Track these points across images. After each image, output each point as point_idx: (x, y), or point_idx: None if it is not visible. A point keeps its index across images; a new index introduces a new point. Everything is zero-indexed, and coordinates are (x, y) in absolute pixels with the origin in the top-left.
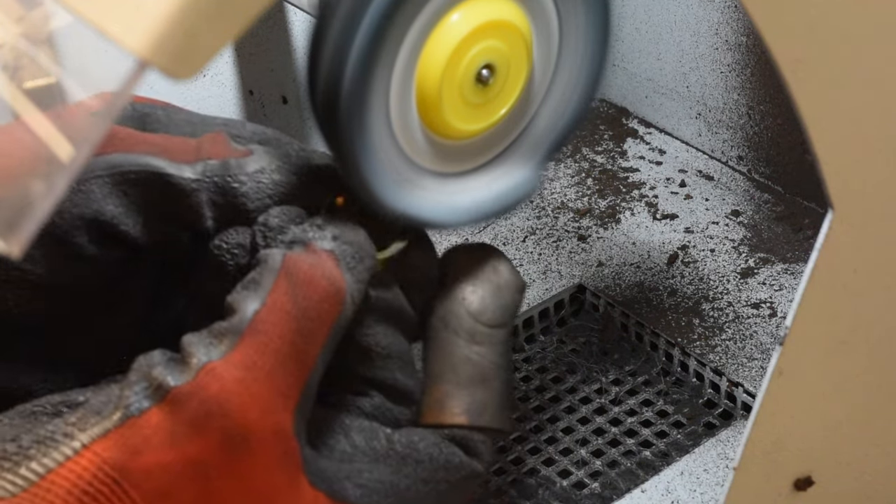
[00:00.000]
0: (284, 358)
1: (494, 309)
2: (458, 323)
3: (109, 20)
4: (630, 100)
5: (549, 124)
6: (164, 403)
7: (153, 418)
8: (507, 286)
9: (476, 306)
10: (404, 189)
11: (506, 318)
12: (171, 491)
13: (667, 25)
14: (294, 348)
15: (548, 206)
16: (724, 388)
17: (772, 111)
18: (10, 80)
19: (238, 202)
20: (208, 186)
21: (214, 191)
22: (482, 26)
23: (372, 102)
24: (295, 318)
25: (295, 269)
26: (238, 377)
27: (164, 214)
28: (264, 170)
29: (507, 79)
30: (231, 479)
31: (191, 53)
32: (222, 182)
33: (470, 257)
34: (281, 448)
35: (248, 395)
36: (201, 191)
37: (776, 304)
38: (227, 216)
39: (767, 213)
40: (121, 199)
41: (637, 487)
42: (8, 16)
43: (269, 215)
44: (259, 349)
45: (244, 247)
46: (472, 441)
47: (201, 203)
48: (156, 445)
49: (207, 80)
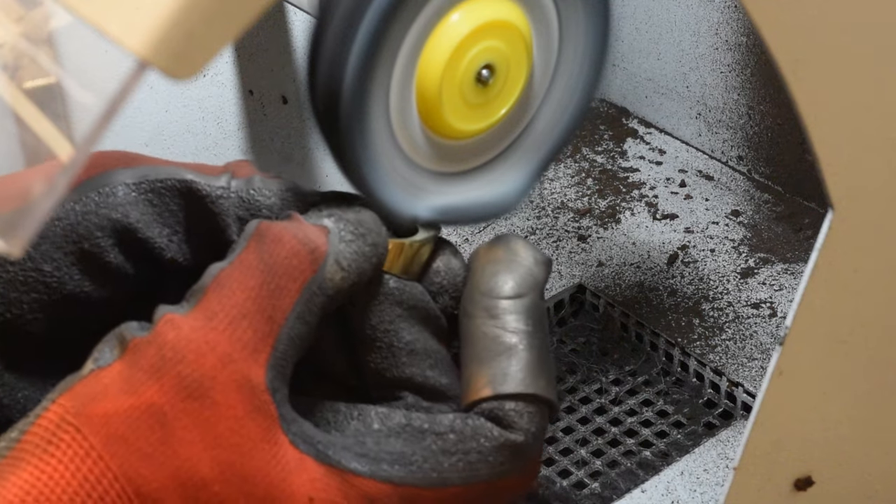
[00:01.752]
0: (248, 311)
1: (507, 281)
2: (473, 304)
3: (109, 20)
4: (630, 100)
5: (549, 124)
6: (125, 355)
7: (114, 368)
8: (523, 261)
9: (489, 284)
10: (404, 189)
11: (523, 289)
12: (128, 436)
13: (667, 25)
14: (259, 302)
15: (548, 206)
16: (724, 388)
17: (772, 111)
18: (10, 80)
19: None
20: (234, 201)
21: (239, 205)
22: (482, 26)
23: (372, 103)
24: (260, 273)
25: (266, 231)
26: (195, 326)
27: (191, 224)
28: (291, 188)
29: (507, 79)
30: (193, 428)
31: (191, 53)
32: (247, 196)
33: (487, 246)
34: (249, 401)
35: (204, 342)
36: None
37: (776, 304)
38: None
39: (767, 213)
40: (147, 207)
41: (637, 487)
42: (8, 16)
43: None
44: (220, 301)
45: None
46: (503, 412)
47: (228, 214)
48: (114, 392)
49: (207, 80)
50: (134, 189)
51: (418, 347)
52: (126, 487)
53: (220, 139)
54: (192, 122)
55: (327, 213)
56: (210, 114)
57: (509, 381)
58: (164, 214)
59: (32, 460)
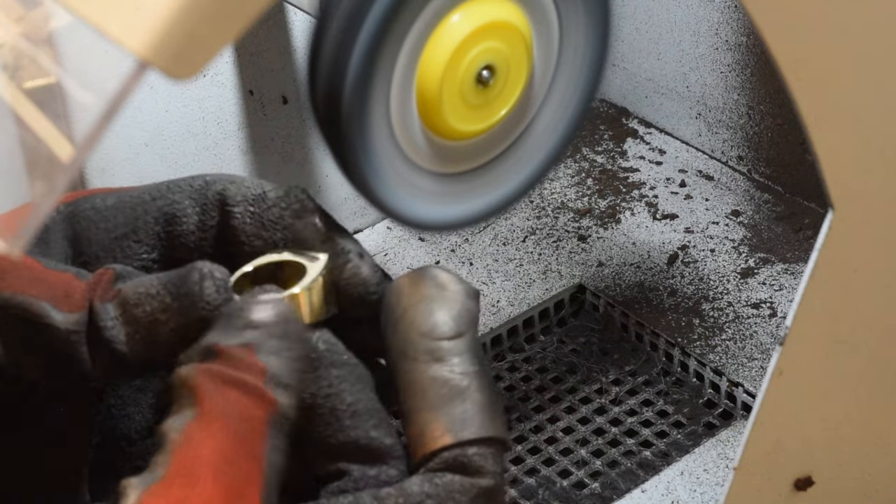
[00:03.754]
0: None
1: (446, 321)
2: (414, 347)
3: (109, 20)
4: (630, 100)
5: (550, 125)
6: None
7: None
8: (456, 296)
9: (427, 324)
10: (404, 190)
11: (462, 326)
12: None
13: (667, 25)
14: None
15: (548, 206)
16: (724, 388)
17: (772, 111)
18: (10, 80)
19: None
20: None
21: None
22: (482, 27)
23: (372, 103)
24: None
25: (207, 380)
26: (180, 484)
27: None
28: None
29: (508, 79)
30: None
31: (191, 53)
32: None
33: (410, 281)
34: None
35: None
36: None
37: (776, 304)
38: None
39: (767, 213)
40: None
41: (637, 487)
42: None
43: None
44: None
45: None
46: (467, 458)
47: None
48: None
49: (207, 80)
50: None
51: (360, 408)
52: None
53: (220, 139)
54: (192, 122)
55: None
56: (210, 114)
57: (468, 426)
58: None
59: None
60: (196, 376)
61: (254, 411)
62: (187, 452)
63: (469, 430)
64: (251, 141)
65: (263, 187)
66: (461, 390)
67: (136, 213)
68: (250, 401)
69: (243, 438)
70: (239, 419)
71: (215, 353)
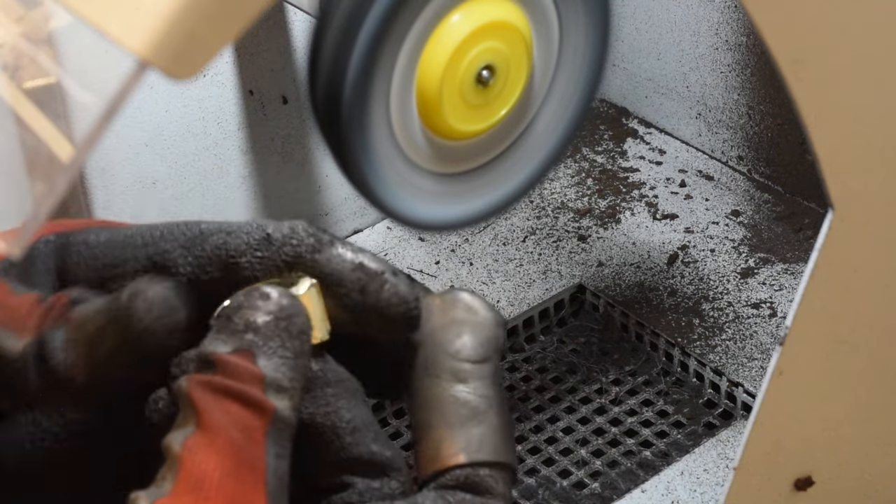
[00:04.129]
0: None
1: (475, 346)
2: (439, 365)
3: (109, 20)
4: (630, 100)
5: (550, 125)
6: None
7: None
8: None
9: (455, 346)
10: (404, 190)
11: (489, 352)
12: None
13: (667, 25)
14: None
15: (548, 206)
16: (724, 388)
17: (772, 111)
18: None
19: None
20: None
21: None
22: (482, 27)
23: (372, 103)
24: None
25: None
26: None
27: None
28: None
29: (508, 79)
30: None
31: (191, 53)
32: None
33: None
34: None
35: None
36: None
37: (776, 304)
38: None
39: (767, 213)
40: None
41: (637, 487)
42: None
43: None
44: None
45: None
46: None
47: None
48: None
49: (207, 80)
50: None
51: (359, 423)
52: None
53: (220, 139)
54: (192, 122)
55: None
56: (210, 114)
57: (483, 448)
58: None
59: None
60: (195, 389)
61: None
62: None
63: (483, 452)
64: (251, 141)
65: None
66: (479, 413)
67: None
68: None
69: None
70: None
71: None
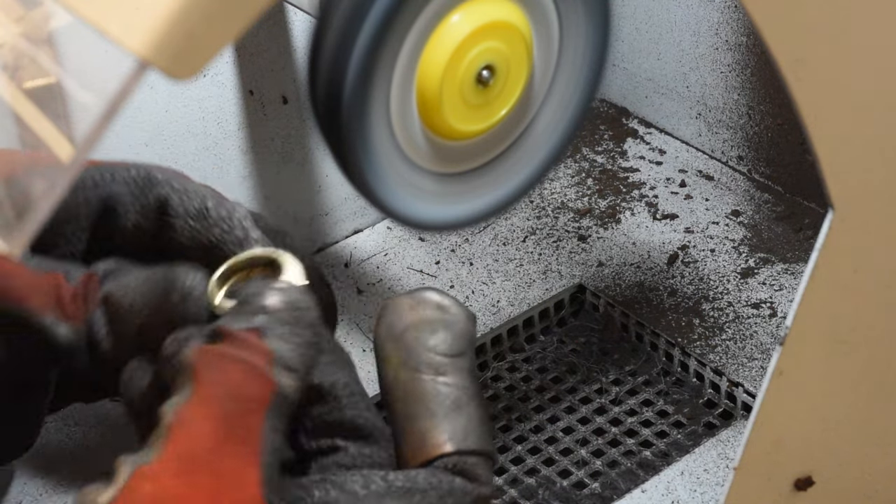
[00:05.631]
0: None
1: (450, 341)
2: (418, 360)
3: (109, 20)
4: (630, 100)
5: (550, 125)
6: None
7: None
8: (457, 319)
9: (431, 341)
10: (404, 190)
11: (464, 346)
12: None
13: (667, 25)
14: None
15: (548, 206)
16: (724, 388)
17: (772, 111)
18: (10, 80)
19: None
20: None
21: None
22: (482, 27)
23: (373, 103)
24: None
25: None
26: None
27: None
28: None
29: (508, 80)
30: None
31: (191, 53)
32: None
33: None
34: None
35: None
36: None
37: (776, 304)
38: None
39: (767, 213)
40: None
41: (637, 487)
42: (8, 16)
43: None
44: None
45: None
46: (467, 465)
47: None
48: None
49: (207, 80)
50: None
51: (354, 389)
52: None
53: (220, 139)
54: (192, 122)
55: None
56: (210, 114)
57: (469, 437)
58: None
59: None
60: (197, 357)
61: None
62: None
63: (470, 441)
64: (251, 141)
65: (206, 202)
66: (462, 404)
67: (77, 199)
68: (251, 381)
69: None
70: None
71: (221, 336)
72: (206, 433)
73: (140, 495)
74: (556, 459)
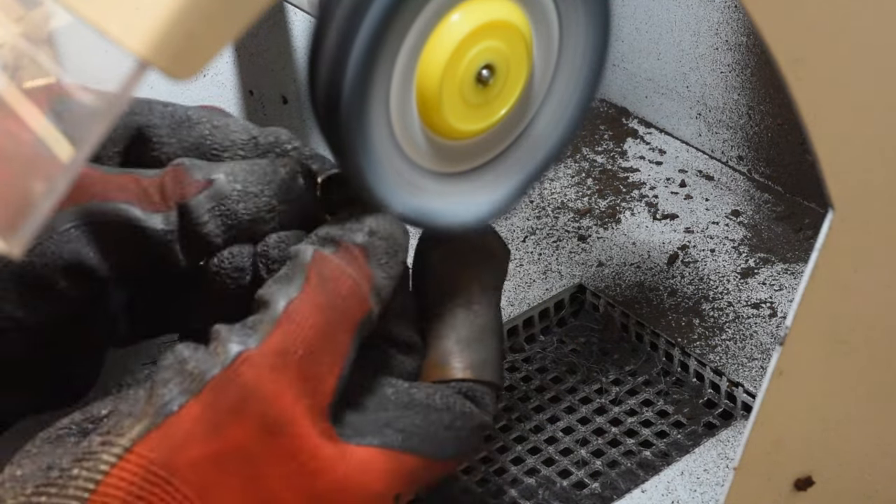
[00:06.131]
0: (316, 347)
1: (488, 273)
2: (457, 286)
3: (109, 20)
4: (630, 100)
5: (549, 125)
6: (201, 395)
7: (192, 411)
8: (496, 253)
9: (472, 271)
10: (404, 189)
11: (497, 280)
12: (220, 480)
13: (667, 25)
14: (325, 340)
15: (548, 206)
16: (724, 388)
17: (772, 111)
18: (10, 80)
19: (204, 240)
20: (177, 232)
21: (183, 234)
22: (482, 26)
23: (372, 103)
24: (324, 310)
25: (324, 265)
26: (272, 364)
27: (140, 259)
28: (225, 199)
29: (508, 79)
30: (276, 462)
31: (191, 53)
32: (189, 227)
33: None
34: (320, 428)
35: (283, 381)
36: (172, 237)
37: (776, 304)
38: (199, 254)
39: (767, 213)
40: (98, 245)
41: (637, 487)
42: (8, 16)
43: (266, 245)
44: (291, 337)
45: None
46: (478, 393)
47: (174, 249)
48: (198, 438)
49: (207, 80)
50: (82, 229)
51: (403, 310)
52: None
53: None
54: None
55: (362, 229)
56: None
57: (486, 368)
58: (109, 249)
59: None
60: (315, 258)
61: (353, 308)
62: (288, 330)
63: (485, 372)
64: None
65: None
66: (485, 336)
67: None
68: (353, 297)
69: (336, 330)
70: (338, 311)
71: (335, 243)
72: (309, 336)
73: (241, 380)
74: (556, 459)
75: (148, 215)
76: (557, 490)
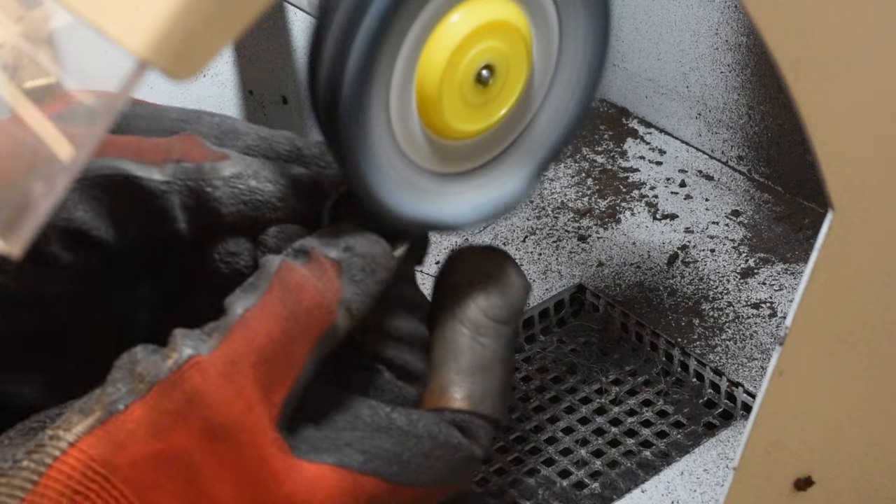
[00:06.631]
0: (270, 357)
1: (501, 305)
2: (465, 314)
3: (109, 20)
4: (630, 100)
5: (549, 125)
6: (147, 397)
7: (137, 411)
8: (514, 286)
9: (483, 300)
10: (404, 190)
11: (511, 316)
12: (159, 482)
13: (667, 25)
14: (281, 349)
15: (548, 206)
16: (724, 388)
17: (772, 111)
18: (10, 80)
19: (211, 206)
20: (180, 189)
21: (187, 194)
22: (482, 27)
23: (372, 103)
24: (283, 320)
25: (289, 275)
26: (221, 370)
27: (135, 217)
28: (240, 175)
29: (507, 79)
30: (219, 468)
31: (191, 53)
32: (195, 185)
33: (477, 256)
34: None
35: (230, 388)
36: (172, 193)
37: (776, 304)
38: (201, 220)
39: (767, 213)
40: (90, 203)
41: (637, 487)
42: (8, 16)
43: (267, 235)
44: (244, 344)
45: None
46: (472, 425)
47: (172, 206)
48: (140, 438)
49: (207, 80)
50: (77, 185)
51: (405, 335)
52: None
53: None
54: None
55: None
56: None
57: (486, 401)
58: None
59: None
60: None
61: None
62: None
63: (485, 405)
64: None
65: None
66: (489, 369)
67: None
68: (316, 309)
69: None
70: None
71: (307, 255)
72: (263, 344)
73: (188, 385)
74: (556, 459)
75: (143, 167)
76: (557, 490)
